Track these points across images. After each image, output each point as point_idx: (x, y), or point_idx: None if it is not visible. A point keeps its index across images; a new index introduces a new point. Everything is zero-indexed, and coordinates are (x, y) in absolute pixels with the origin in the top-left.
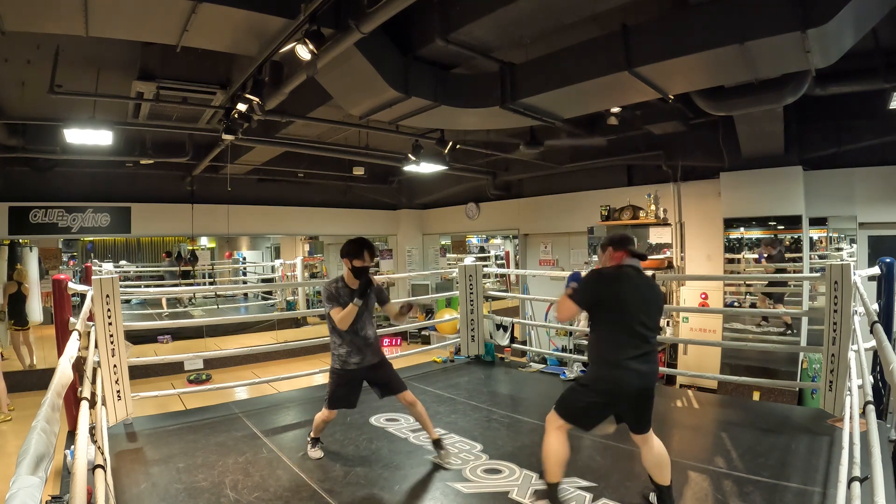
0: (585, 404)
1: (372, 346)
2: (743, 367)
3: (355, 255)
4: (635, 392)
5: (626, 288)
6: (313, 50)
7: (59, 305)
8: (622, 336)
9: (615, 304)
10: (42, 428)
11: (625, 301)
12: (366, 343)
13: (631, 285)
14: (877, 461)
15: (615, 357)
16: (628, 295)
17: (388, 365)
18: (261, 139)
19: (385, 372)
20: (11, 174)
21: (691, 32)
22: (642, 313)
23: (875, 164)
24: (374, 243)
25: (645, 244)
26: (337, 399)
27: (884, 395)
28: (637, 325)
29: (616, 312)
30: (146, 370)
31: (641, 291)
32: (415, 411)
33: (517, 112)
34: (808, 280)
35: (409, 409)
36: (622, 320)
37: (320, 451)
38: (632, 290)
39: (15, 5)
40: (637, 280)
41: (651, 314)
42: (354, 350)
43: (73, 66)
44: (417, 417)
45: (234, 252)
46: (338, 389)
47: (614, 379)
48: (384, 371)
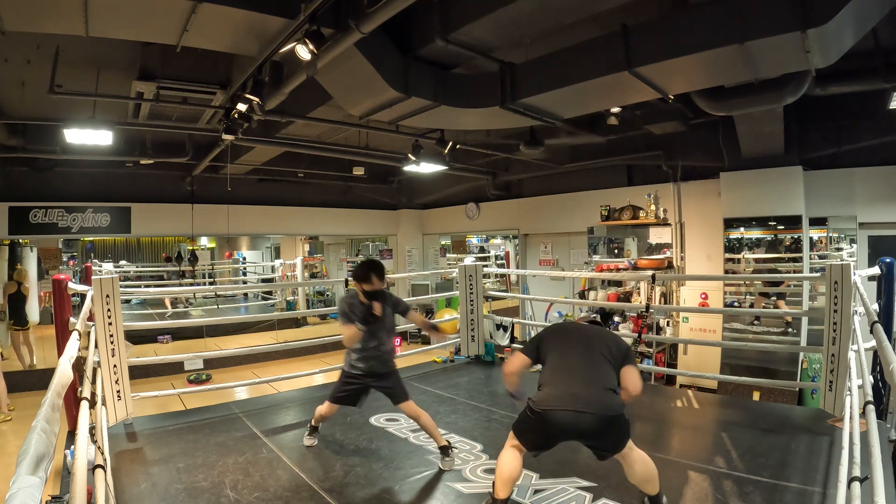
0: (528, 429)
1: (381, 359)
2: (743, 367)
3: (363, 279)
4: (570, 417)
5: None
6: (313, 50)
7: (59, 305)
8: (561, 364)
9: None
10: (42, 428)
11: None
12: (376, 355)
13: (576, 328)
14: (877, 461)
15: (549, 381)
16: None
17: (395, 376)
18: (261, 139)
19: (389, 382)
20: (11, 174)
21: (691, 32)
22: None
23: (875, 164)
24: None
25: (645, 244)
26: (338, 397)
27: (884, 395)
28: (579, 354)
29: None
30: (146, 370)
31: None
32: (421, 423)
33: (517, 112)
34: (808, 280)
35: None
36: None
37: (314, 439)
38: (575, 331)
39: (15, 5)
40: (584, 326)
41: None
42: (362, 358)
43: (73, 66)
44: (424, 428)
45: (234, 252)
46: (341, 388)
47: (545, 401)
48: (389, 382)
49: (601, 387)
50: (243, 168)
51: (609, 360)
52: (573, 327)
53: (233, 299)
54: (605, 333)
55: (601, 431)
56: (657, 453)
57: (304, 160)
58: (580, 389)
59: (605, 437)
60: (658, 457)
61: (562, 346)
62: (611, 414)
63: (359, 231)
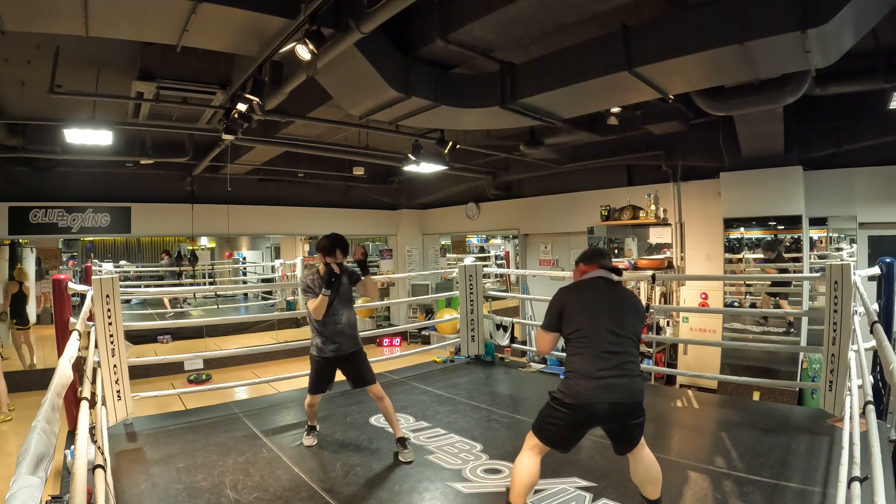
0: (557, 424)
1: (346, 335)
2: (743, 367)
3: (328, 253)
4: (609, 408)
5: (589, 296)
6: (313, 50)
7: (59, 305)
8: (590, 347)
9: (578, 314)
10: (42, 428)
11: (587, 309)
12: (340, 331)
13: (596, 293)
14: (877, 461)
15: (584, 370)
16: (592, 303)
17: (363, 356)
18: (261, 139)
19: (358, 363)
20: (11, 174)
21: (691, 32)
22: (612, 321)
23: (875, 164)
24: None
25: (645, 244)
26: (315, 384)
27: (884, 395)
28: (606, 333)
29: (580, 322)
30: (146, 370)
31: (609, 299)
32: (382, 406)
33: (517, 112)
34: (808, 280)
35: (377, 403)
36: (588, 331)
37: (314, 438)
38: (596, 298)
39: (15, 5)
40: (605, 288)
41: (623, 322)
42: (329, 338)
43: (73, 66)
44: (384, 412)
45: (234, 252)
46: (316, 375)
47: (583, 394)
48: (357, 362)
49: (634, 371)
50: (243, 168)
51: (637, 334)
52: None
53: (233, 299)
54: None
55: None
56: (657, 453)
57: (304, 160)
58: (616, 379)
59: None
60: (658, 457)
61: (589, 318)
62: (641, 399)
63: (359, 231)
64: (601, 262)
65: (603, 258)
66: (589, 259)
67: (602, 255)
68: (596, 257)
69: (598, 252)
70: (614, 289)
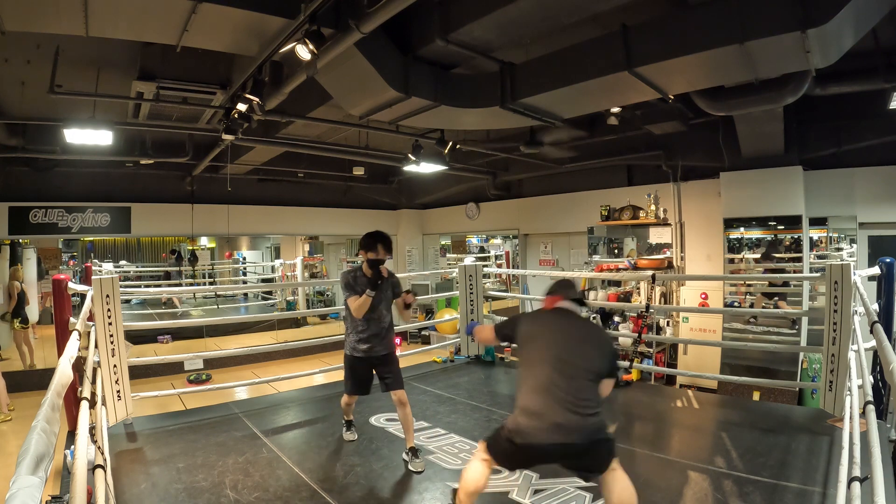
0: (505, 452)
1: (382, 338)
2: (743, 367)
3: (369, 248)
4: (558, 448)
5: (546, 326)
6: (313, 50)
7: (59, 305)
8: (537, 380)
9: (530, 343)
10: (42, 428)
11: (541, 339)
12: (376, 333)
13: (554, 324)
14: (877, 461)
15: (529, 406)
16: (547, 334)
17: (396, 360)
18: (261, 139)
19: (390, 367)
20: (11, 174)
21: (691, 32)
22: (567, 355)
23: (875, 164)
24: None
25: (645, 244)
26: (351, 386)
27: (884, 395)
28: (557, 367)
29: (531, 353)
30: (146, 370)
31: (568, 332)
32: (402, 412)
33: (517, 112)
34: (808, 280)
35: (398, 408)
36: (537, 363)
37: (353, 433)
38: (553, 329)
39: (15, 5)
40: (565, 321)
41: (580, 356)
42: (364, 338)
43: (73, 66)
44: (403, 419)
45: (234, 252)
46: (350, 378)
47: (527, 434)
48: (390, 366)
49: (588, 412)
50: (243, 168)
51: (598, 375)
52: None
53: (233, 299)
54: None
55: (587, 456)
56: (657, 453)
57: (304, 160)
58: (565, 418)
59: (590, 459)
60: (658, 457)
61: (540, 349)
62: (598, 438)
63: (359, 231)
64: (567, 293)
65: (569, 290)
66: (553, 291)
67: (568, 286)
68: (560, 289)
69: (565, 284)
70: (576, 322)
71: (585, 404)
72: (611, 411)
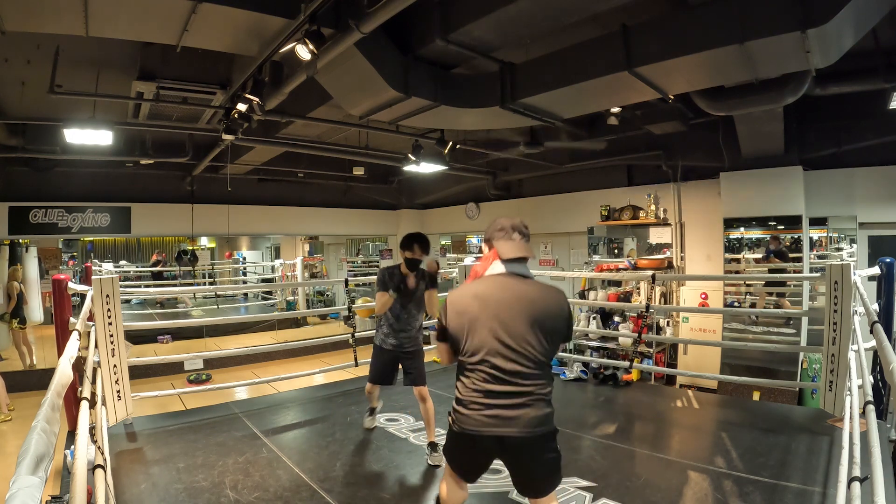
0: (453, 451)
1: (410, 335)
2: (743, 367)
3: (406, 248)
4: (495, 443)
5: (491, 302)
6: (313, 50)
7: (59, 305)
8: (480, 367)
9: (472, 325)
10: (42, 428)
11: (483, 320)
12: (405, 330)
13: (501, 298)
14: (877, 461)
15: (467, 395)
16: (491, 312)
17: (421, 357)
18: (261, 139)
19: (415, 362)
20: (11, 174)
21: (691, 32)
22: (514, 335)
23: (875, 164)
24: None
25: (645, 244)
26: (375, 375)
27: (884, 395)
28: (502, 351)
29: (473, 336)
30: (146, 370)
31: (519, 307)
32: (423, 407)
33: (517, 112)
34: (808, 280)
35: (420, 404)
36: (481, 346)
37: (373, 420)
38: (499, 306)
39: (15, 5)
40: (515, 291)
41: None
42: (392, 333)
43: (73, 66)
44: (424, 414)
45: (234, 252)
46: (375, 365)
47: (465, 422)
48: (415, 361)
49: (536, 395)
50: (243, 168)
51: (549, 346)
52: (501, 295)
53: (233, 299)
54: (546, 299)
55: (531, 454)
56: (657, 453)
57: (304, 160)
58: (507, 404)
59: (534, 463)
60: (658, 457)
61: (486, 323)
62: (544, 430)
63: (359, 231)
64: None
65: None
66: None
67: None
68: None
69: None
70: (531, 293)
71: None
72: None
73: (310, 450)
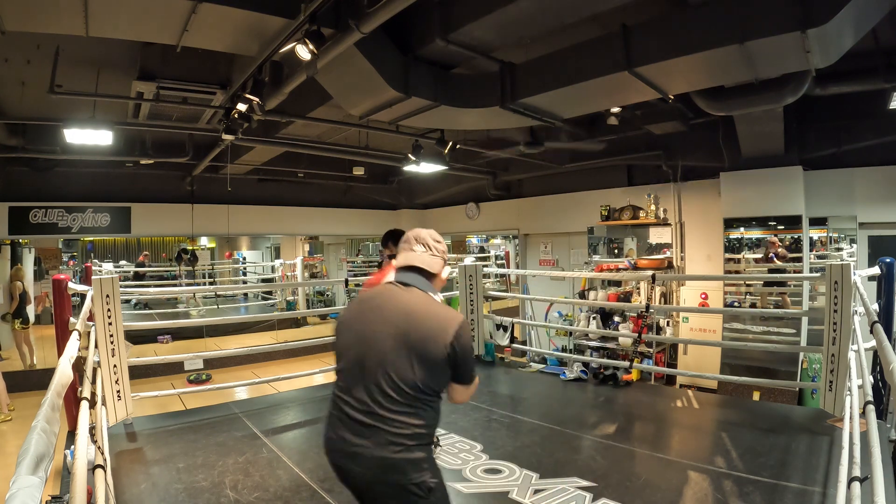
0: None
1: None
2: (743, 367)
3: (384, 245)
4: (349, 479)
5: (365, 309)
6: (313, 50)
7: (59, 305)
8: (338, 381)
9: (342, 341)
10: (42, 428)
11: (350, 327)
12: None
13: (373, 307)
14: (877, 461)
15: (328, 424)
16: (358, 321)
17: None
18: (261, 139)
19: None
20: (11, 174)
21: (691, 32)
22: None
23: (875, 164)
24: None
25: (645, 244)
26: None
27: (884, 395)
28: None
29: (342, 353)
30: (146, 370)
31: (390, 317)
32: None
33: (517, 112)
34: (808, 280)
35: None
36: (340, 356)
37: None
38: (368, 315)
39: (15, 5)
40: (392, 301)
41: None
42: None
43: (73, 66)
44: None
45: (234, 252)
46: None
47: (327, 452)
48: None
49: (386, 430)
50: (243, 168)
51: (422, 375)
52: (375, 302)
53: (233, 299)
54: (428, 317)
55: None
56: (657, 453)
57: (304, 160)
58: (353, 431)
59: None
60: (658, 457)
61: (350, 339)
62: (394, 480)
63: (359, 231)
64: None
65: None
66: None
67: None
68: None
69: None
70: (405, 308)
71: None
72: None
73: (310, 450)
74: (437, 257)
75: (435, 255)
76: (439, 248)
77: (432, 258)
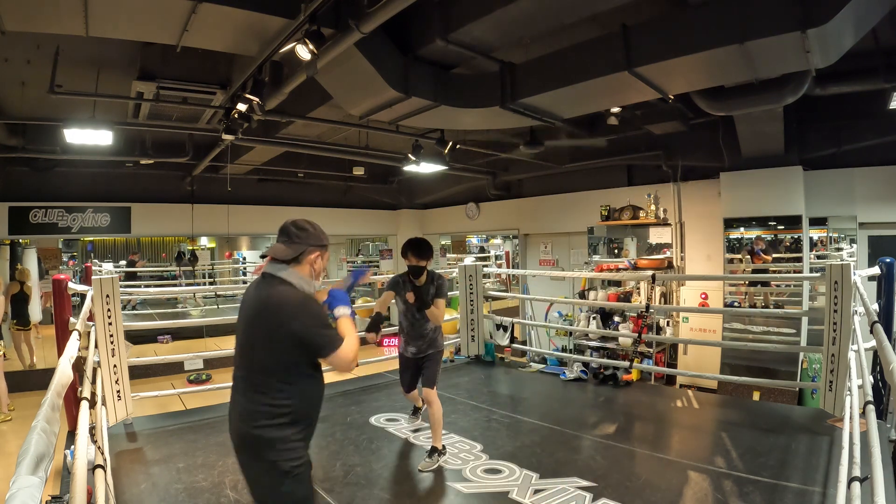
0: None
1: (426, 340)
2: (743, 367)
3: (403, 255)
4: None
5: (242, 307)
6: (313, 50)
7: (59, 305)
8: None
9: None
10: (42, 428)
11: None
12: (419, 336)
13: (245, 299)
14: (877, 461)
15: None
16: (240, 315)
17: (435, 359)
18: (261, 139)
19: (431, 364)
20: (11, 174)
21: (691, 32)
22: (242, 335)
23: (875, 164)
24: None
25: (645, 244)
26: (403, 384)
27: (884, 395)
28: (237, 350)
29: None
30: (146, 370)
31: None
32: (430, 411)
33: (517, 112)
34: (808, 280)
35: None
36: (235, 348)
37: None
38: (243, 306)
39: (15, 5)
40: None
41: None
42: (409, 341)
43: (73, 66)
44: (430, 417)
45: (234, 252)
46: (402, 373)
47: None
48: (431, 363)
49: (249, 409)
50: (243, 168)
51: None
52: (246, 294)
53: (233, 299)
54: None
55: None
56: (657, 453)
57: (304, 160)
58: (232, 411)
59: (249, 479)
60: (658, 457)
61: (238, 327)
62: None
63: (359, 231)
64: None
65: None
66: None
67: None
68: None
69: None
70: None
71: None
72: (611, 411)
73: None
74: (296, 244)
75: (294, 242)
76: (301, 234)
77: (287, 247)
